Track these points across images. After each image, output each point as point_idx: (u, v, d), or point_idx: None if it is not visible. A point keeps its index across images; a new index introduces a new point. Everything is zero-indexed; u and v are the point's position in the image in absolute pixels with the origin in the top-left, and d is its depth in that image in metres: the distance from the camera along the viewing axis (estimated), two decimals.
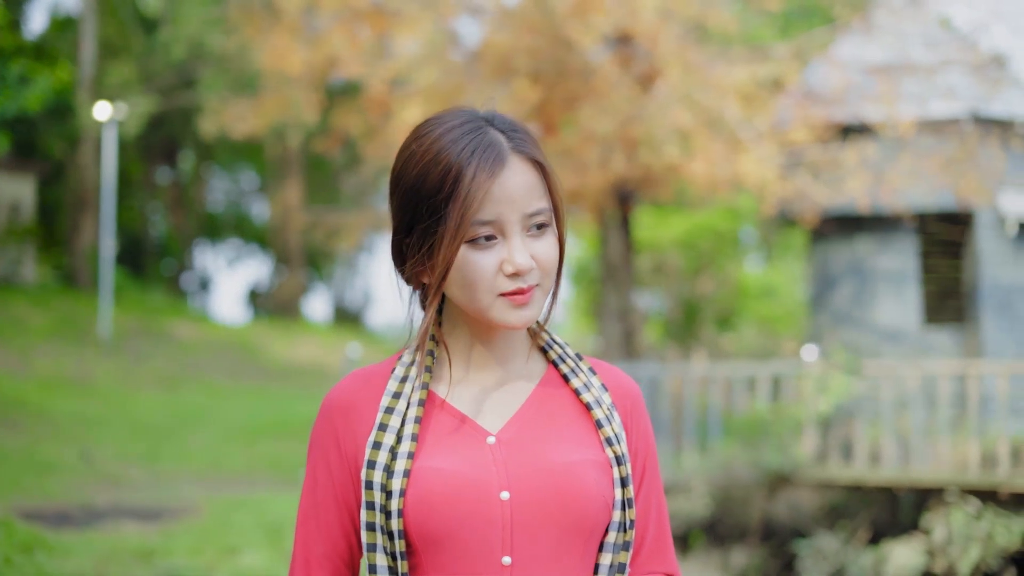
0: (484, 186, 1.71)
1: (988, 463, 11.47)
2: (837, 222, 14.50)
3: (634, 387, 1.92)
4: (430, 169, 1.73)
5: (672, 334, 22.08)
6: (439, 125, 1.77)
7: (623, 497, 1.79)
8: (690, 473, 11.62)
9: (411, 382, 1.80)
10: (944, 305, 14.85)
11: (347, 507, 1.79)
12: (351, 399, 1.81)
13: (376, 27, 12.82)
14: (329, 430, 1.81)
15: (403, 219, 1.77)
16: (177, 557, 7.13)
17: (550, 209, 1.77)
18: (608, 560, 1.78)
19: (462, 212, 1.70)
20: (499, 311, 1.74)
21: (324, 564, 1.81)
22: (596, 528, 1.76)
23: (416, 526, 1.70)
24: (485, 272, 1.72)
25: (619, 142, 12.39)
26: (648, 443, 1.90)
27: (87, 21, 24.46)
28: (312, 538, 1.81)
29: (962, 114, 13.52)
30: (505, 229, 1.73)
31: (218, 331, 23.74)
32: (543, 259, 1.75)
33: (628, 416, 1.87)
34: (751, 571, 11.47)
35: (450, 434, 1.76)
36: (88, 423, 13.67)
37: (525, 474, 1.74)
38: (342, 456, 1.79)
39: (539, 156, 1.78)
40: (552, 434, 1.79)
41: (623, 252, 14.25)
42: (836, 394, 11.83)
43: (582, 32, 11.77)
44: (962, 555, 10.64)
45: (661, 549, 1.88)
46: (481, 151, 1.72)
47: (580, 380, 1.85)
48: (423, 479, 1.71)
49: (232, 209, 39.94)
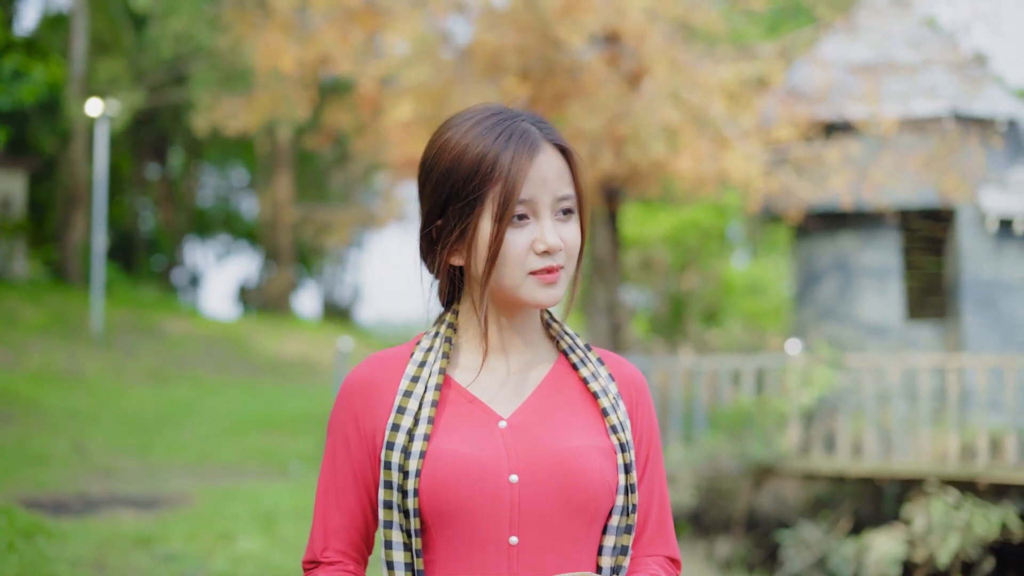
0: (525, 168, 1.80)
1: (967, 455, 11.69)
2: (821, 218, 14.70)
3: (640, 378, 1.99)
4: (467, 152, 1.81)
5: (659, 329, 22.26)
6: (471, 117, 1.86)
7: (626, 482, 1.85)
8: (676, 464, 11.79)
9: (429, 366, 1.87)
10: (926, 300, 15.06)
11: (364, 484, 1.87)
12: (369, 380, 1.89)
13: (367, 25, 12.96)
14: (348, 410, 1.89)
15: (436, 203, 1.85)
16: (174, 543, 7.29)
17: (575, 197, 1.86)
18: (611, 542, 1.86)
19: (508, 190, 1.78)
20: (528, 289, 1.82)
21: (341, 535, 1.89)
22: (600, 511, 1.83)
23: (428, 505, 1.77)
24: (518, 250, 1.80)
25: (607, 139, 12.56)
26: (652, 431, 1.97)
27: (78, 17, 24.52)
28: (331, 511, 1.89)
29: (944, 112, 13.72)
30: (538, 210, 1.82)
31: (208, 326, 23.83)
32: (569, 243, 1.84)
33: (633, 405, 1.95)
34: (735, 561, 11.65)
35: (464, 418, 1.84)
36: (80, 416, 13.79)
37: (533, 458, 1.81)
38: (361, 435, 1.87)
39: (568, 146, 1.88)
40: (561, 420, 1.86)
41: (610, 248, 14.42)
42: (819, 387, 12.02)
43: (570, 31, 11.92)
44: (942, 544, 10.84)
45: (663, 533, 1.96)
46: (518, 136, 1.82)
47: (588, 370, 1.93)
48: (437, 460, 1.78)
49: (222, 205, 39.99)
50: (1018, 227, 13.97)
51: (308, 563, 1.91)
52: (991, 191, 14.07)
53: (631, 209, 20.85)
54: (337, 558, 1.89)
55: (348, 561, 1.89)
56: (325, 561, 1.89)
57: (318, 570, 1.89)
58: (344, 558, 1.89)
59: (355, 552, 1.90)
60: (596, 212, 14.36)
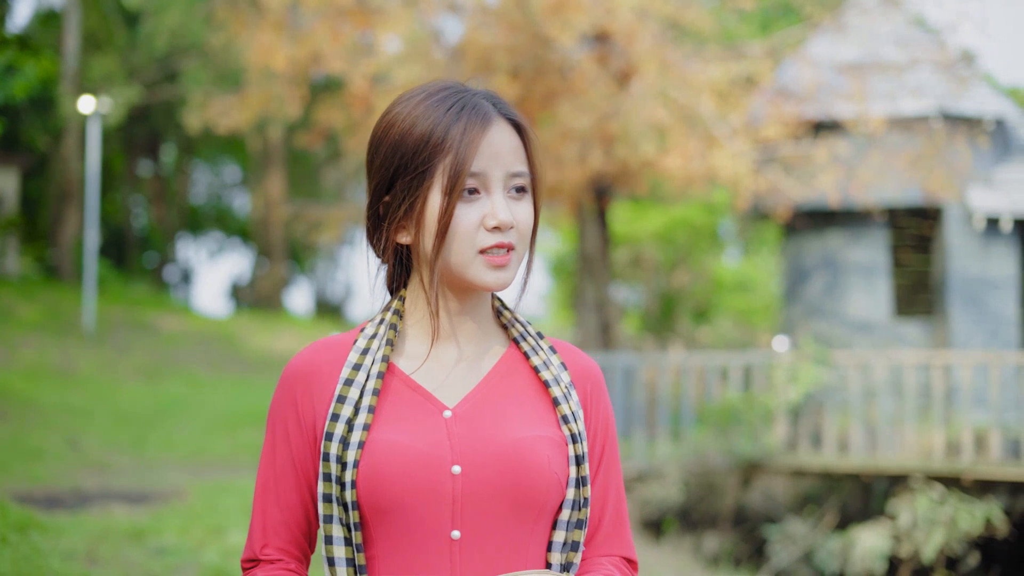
0: (476, 140, 1.72)
1: (952, 451, 11.80)
2: (810, 216, 14.80)
3: (595, 369, 1.89)
4: (417, 124, 1.73)
5: (649, 326, 22.36)
6: (423, 91, 1.79)
7: (578, 475, 1.77)
8: (664, 460, 11.89)
9: (372, 354, 1.78)
10: (914, 298, 15.18)
11: (305, 477, 1.77)
12: (311, 368, 1.80)
13: (359, 24, 13.04)
14: (289, 399, 1.80)
15: (384, 177, 1.76)
16: (166, 537, 7.37)
17: (529, 175, 1.78)
18: (562, 537, 1.77)
19: (458, 162, 1.70)
20: (477, 270, 1.73)
21: (281, 532, 1.78)
22: (548, 505, 1.74)
23: (367, 497, 1.69)
24: (468, 225, 1.72)
25: (596, 138, 12.65)
26: (607, 426, 1.87)
27: (71, 14, 24.55)
28: (270, 506, 1.79)
29: (931, 112, 13.83)
30: (489, 185, 1.73)
31: (200, 323, 23.89)
32: (521, 222, 1.75)
33: (587, 397, 1.85)
34: (722, 556, 11.75)
35: (407, 407, 1.75)
36: (73, 412, 13.85)
37: (477, 449, 1.72)
38: (301, 426, 1.78)
39: (522, 121, 1.80)
40: (509, 410, 1.77)
41: (600, 245, 14.51)
42: (806, 384, 12.12)
43: (560, 30, 12.01)
44: (927, 540, 10.95)
45: (618, 532, 1.86)
46: (470, 109, 1.74)
47: (540, 358, 1.84)
48: (376, 451, 1.69)
49: (214, 202, 40.03)
50: (1005, 225, 14.08)
51: (247, 561, 1.80)
52: (978, 189, 14.18)
53: (622, 207, 20.94)
54: (277, 556, 1.78)
55: (289, 559, 1.79)
56: (265, 559, 1.78)
57: (257, 569, 1.78)
58: (285, 556, 1.78)
59: (296, 549, 1.80)
60: (586, 210, 14.45)
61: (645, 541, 11.35)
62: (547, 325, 26.86)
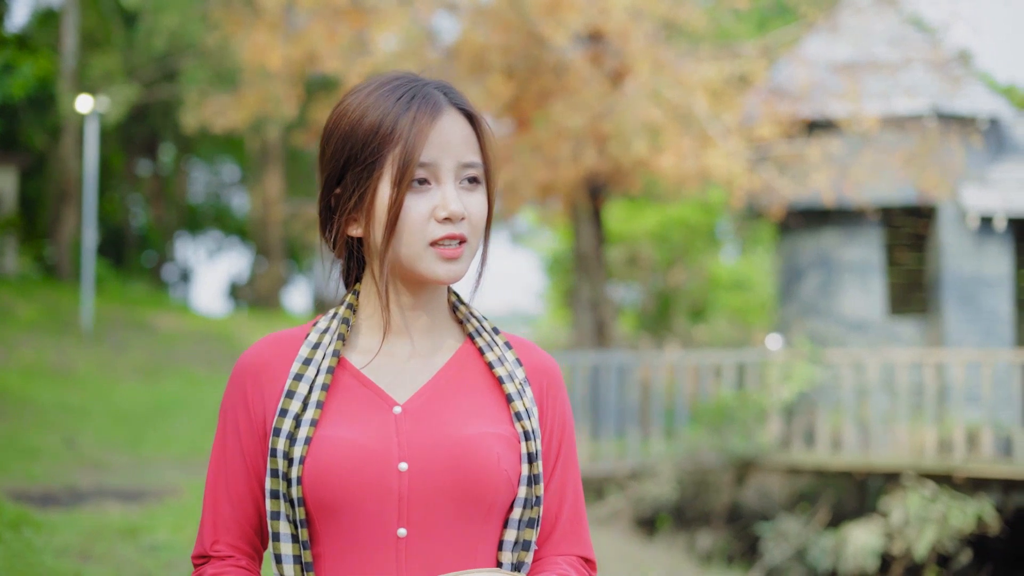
0: (426, 130, 1.69)
1: (945, 448, 11.85)
2: (804, 215, 14.85)
3: (551, 365, 1.86)
4: (367, 115, 1.71)
5: (646, 325, 22.41)
6: (374, 82, 1.77)
7: (530, 473, 1.74)
8: (657, 458, 11.93)
9: (323, 348, 1.76)
10: (908, 296, 15.23)
11: (256, 472, 1.75)
12: (262, 362, 1.78)
13: (354, 23, 13.09)
14: (239, 394, 1.77)
15: (335, 169, 1.74)
16: (160, 533, 7.41)
17: (482, 166, 1.75)
18: (513, 536, 1.74)
19: (407, 152, 1.68)
20: (428, 262, 1.70)
21: (232, 528, 1.76)
22: (498, 503, 1.71)
23: (312, 494, 1.67)
24: (418, 216, 1.69)
25: (590, 137, 12.70)
26: (564, 423, 1.84)
27: (69, 13, 24.60)
28: (221, 502, 1.76)
29: (925, 111, 13.88)
30: (440, 175, 1.70)
31: (198, 322, 23.92)
32: (474, 213, 1.72)
33: (542, 393, 1.82)
34: (716, 553, 11.80)
35: (357, 403, 1.73)
36: (70, 411, 13.89)
37: (426, 446, 1.69)
38: (251, 420, 1.75)
39: (474, 111, 1.77)
40: (460, 407, 1.75)
41: (595, 244, 14.56)
42: (799, 382, 12.18)
43: (555, 29, 12.06)
44: (919, 537, 11.00)
45: (576, 531, 1.83)
46: (420, 99, 1.72)
47: (494, 354, 1.81)
48: (322, 448, 1.67)
49: (213, 201, 40.06)
50: (999, 224, 14.12)
51: (197, 557, 1.78)
52: (972, 188, 14.22)
53: (618, 206, 20.99)
54: (228, 552, 1.75)
55: (240, 555, 1.76)
56: (215, 555, 1.75)
57: (208, 565, 1.75)
58: (235, 552, 1.75)
59: (247, 545, 1.77)
60: (580, 208, 14.50)
61: (638, 539, 11.40)
62: (544, 324, 26.90)
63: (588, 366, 12.75)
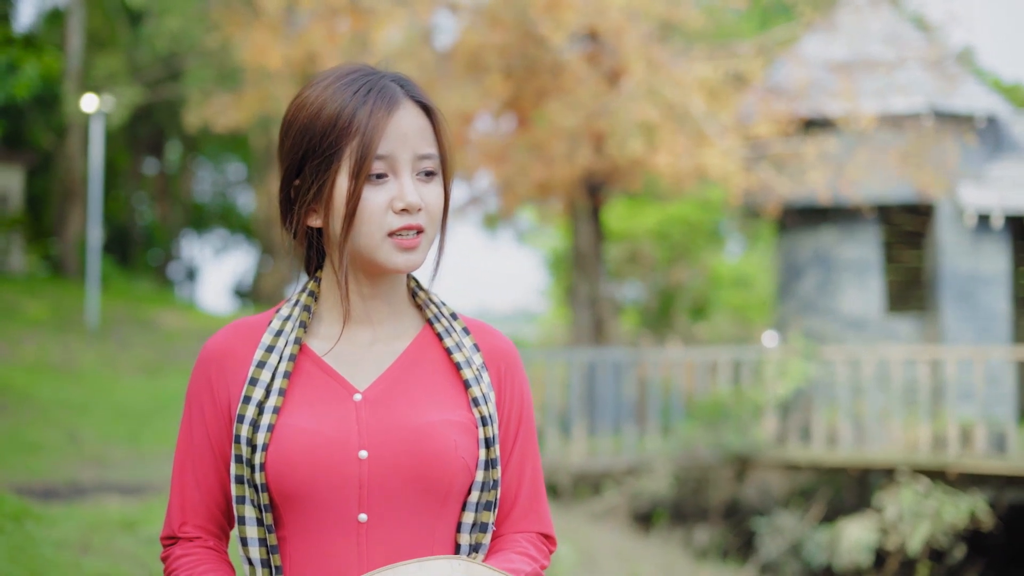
0: (383, 123, 1.72)
1: (938, 444, 11.93)
2: (802, 213, 14.92)
3: (510, 350, 1.90)
4: (325, 108, 1.74)
5: (648, 323, 22.49)
6: (332, 74, 1.79)
7: (487, 457, 1.78)
8: (654, 454, 12.02)
9: (285, 336, 1.79)
10: (906, 294, 15.30)
11: (222, 457, 1.79)
12: (226, 349, 1.81)
13: (353, 23, 13.19)
14: (204, 380, 1.81)
15: (294, 161, 1.77)
16: (157, 526, 7.52)
17: (439, 158, 1.78)
18: (471, 519, 1.78)
19: (364, 145, 1.71)
20: (386, 252, 1.74)
21: (199, 510, 1.80)
22: (455, 488, 1.75)
23: (274, 481, 1.71)
24: (376, 208, 1.72)
25: (586, 136, 12.79)
26: (522, 405, 1.88)
27: (75, 13, 24.73)
28: (188, 486, 1.80)
29: (921, 109, 13.93)
30: (397, 167, 1.74)
31: (203, 320, 24.02)
32: (431, 204, 1.76)
33: (500, 378, 1.86)
34: (712, 549, 11.89)
35: (318, 391, 1.77)
36: (73, 407, 14.01)
37: (385, 432, 1.73)
38: (216, 407, 1.79)
39: (430, 103, 1.80)
40: (419, 393, 1.79)
41: (593, 242, 14.65)
42: (795, 379, 12.25)
43: (552, 29, 12.15)
44: (913, 532, 11.08)
45: (535, 508, 1.88)
46: (376, 91, 1.75)
47: (452, 340, 1.84)
48: (283, 436, 1.71)
49: (218, 200, 40.16)
50: (996, 221, 14.17)
51: (166, 539, 1.83)
52: (969, 186, 14.28)
53: (619, 204, 21.06)
54: (196, 533, 1.81)
55: (208, 536, 1.81)
56: (184, 537, 1.81)
57: (176, 546, 1.81)
58: (203, 533, 1.81)
59: (215, 527, 1.82)
60: (579, 207, 14.58)
61: (634, 534, 11.50)
62: (546, 321, 26.98)
63: (585, 363, 12.84)
